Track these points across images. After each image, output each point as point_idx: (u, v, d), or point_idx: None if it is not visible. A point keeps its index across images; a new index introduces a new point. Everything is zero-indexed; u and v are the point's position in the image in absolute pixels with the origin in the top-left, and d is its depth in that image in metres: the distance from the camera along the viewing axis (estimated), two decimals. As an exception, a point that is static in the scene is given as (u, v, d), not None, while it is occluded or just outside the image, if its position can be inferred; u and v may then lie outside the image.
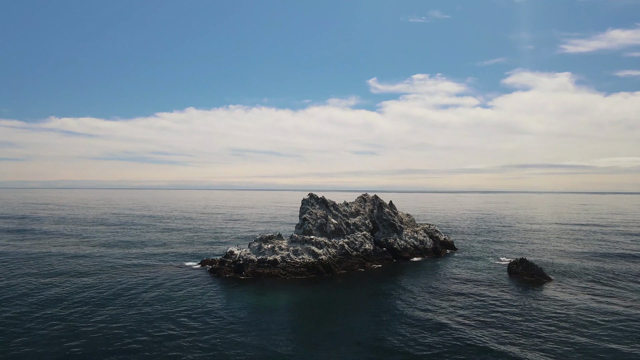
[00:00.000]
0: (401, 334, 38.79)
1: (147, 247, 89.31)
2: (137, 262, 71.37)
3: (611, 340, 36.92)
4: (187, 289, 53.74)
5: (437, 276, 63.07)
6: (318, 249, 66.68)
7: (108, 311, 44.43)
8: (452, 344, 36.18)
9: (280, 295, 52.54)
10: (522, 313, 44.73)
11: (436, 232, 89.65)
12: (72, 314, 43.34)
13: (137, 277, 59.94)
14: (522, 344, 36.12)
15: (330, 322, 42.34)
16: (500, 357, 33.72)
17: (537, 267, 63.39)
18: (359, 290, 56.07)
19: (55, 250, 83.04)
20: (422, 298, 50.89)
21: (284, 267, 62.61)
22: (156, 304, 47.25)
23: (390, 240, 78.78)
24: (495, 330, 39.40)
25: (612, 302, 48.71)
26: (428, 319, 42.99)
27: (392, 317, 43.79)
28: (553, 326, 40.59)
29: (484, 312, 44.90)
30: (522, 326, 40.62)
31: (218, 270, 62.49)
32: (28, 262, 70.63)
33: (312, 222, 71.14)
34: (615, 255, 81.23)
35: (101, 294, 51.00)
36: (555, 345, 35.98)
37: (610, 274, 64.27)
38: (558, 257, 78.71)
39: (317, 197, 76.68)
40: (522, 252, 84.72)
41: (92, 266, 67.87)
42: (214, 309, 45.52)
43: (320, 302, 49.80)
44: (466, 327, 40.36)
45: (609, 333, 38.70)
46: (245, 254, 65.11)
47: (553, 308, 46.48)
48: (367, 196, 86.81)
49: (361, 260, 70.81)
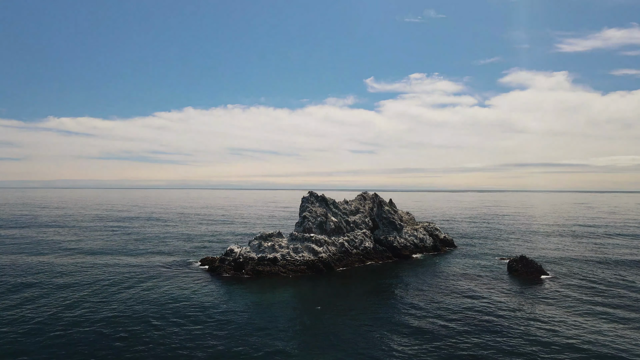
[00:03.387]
0: (401, 329, 38.85)
1: (146, 245, 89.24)
2: (136, 261, 71.31)
3: (612, 335, 37.09)
4: (187, 287, 53.72)
5: (437, 273, 63.18)
6: (318, 246, 66.72)
7: (107, 309, 44.38)
8: (451, 339, 36.24)
9: (280, 292, 52.58)
10: (522, 309, 44.84)
11: (436, 230, 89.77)
12: (68, 314, 43.28)
13: (136, 276, 59.90)
14: (520, 339, 36.22)
15: (330, 318, 42.36)
16: (499, 353, 33.80)
17: (537, 264, 63.57)
18: (359, 288, 56.13)
19: (52, 249, 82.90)
20: (422, 295, 50.97)
21: (284, 265, 62.64)
22: (156, 302, 47.21)
23: (390, 238, 78.86)
24: (494, 327, 39.49)
25: (612, 298, 48.92)
26: (428, 315, 43.05)
27: (393, 313, 43.85)
28: (552, 321, 40.72)
29: (484, 309, 44.99)
30: (521, 322, 40.73)
31: (218, 269, 62.47)
32: (23, 263, 70.47)
33: (312, 220, 71.17)
34: (615, 253, 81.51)
35: (99, 292, 50.93)
36: (554, 339, 36.09)
37: (610, 271, 64.48)
38: (558, 255, 78.91)
39: (317, 195, 76.72)
40: (521, 250, 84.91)
41: (89, 265, 67.78)
42: (214, 307, 45.52)
43: (321, 299, 49.84)
44: (465, 322, 40.43)
45: (609, 328, 38.89)
46: (245, 252, 65.11)
47: (552, 304, 46.62)
48: (366, 194, 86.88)
49: (361, 258, 70.92)
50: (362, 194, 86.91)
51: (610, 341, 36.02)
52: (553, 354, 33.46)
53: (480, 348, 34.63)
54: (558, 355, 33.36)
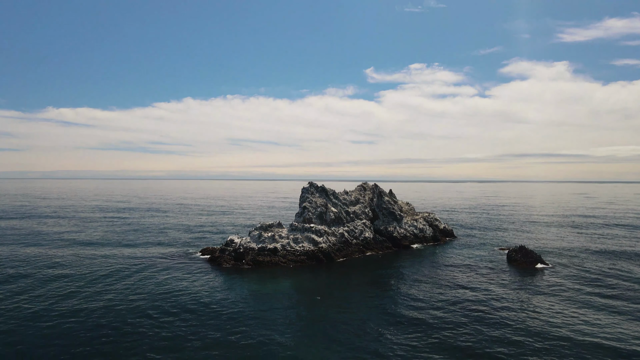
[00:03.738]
0: (400, 320, 38.97)
1: (146, 236, 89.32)
2: (135, 251, 71.39)
3: (609, 325, 37.21)
4: (187, 277, 53.83)
5: (436, 263, 63.31)
6: (318, 237, 66.77)
7: (104, 299, 44.47)
8: (450, 330, 36.36)
9: (280, 282, 52.70)
10: (521, 299, 44.95)
11: (436, 221, 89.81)
12: (64, 304, 43.37)
13: (136, 266, 59.99)
14: (519, 329, 36.34)
15: (329, 309, 42.48)
16: (498, 343, 33.92)
17: (536, 254, 63.66)
18: (358, 278, 56.26)
19: (50, 240, 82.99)
20: (421, 285, 51.09)
21: (284, 255, 62.74)
22: (156, 291, 47.31)
23: (390, 229, 78.91)
24: (493, 318, 39.60)
25: (610, 289, 49.05)
26: (427, 305, 43.17)
27: (392, 303, 43.96)
28: (551, 311, 40.85)
29: (483, 299, 45.10)
30: (519, 312, 40.85)
31: (218, 259, 62.56)
32: (22, 254, 70.57)
33: (312, 211, 71.13)
34: (614, 244, 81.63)
35: (96, 282, 51.01)
36: (552, 330, 36.21)
37: (610, 262, 64.59)
38: (557, 245, 79.03)
39: (317, 185, 76.60)
40: (520, 240, 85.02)
41: (87, 255, 67.85)
42: (214, 297, 45.63)
43: (320, 290, 49.97)
44: (464, 313, 40.55)
45: (609, 317, 39.01)
46: (245, 243, 65.17)
47: (551, 294, 46.73)
48: (366, 185, 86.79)
49: (361, 248, 71.03)
50: (362, 185, 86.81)
51: (608, 332, 36.14)
52: (551, 344, 33.56)
53: (479, 339, 34.73)
54: (556, 345, 33.46)
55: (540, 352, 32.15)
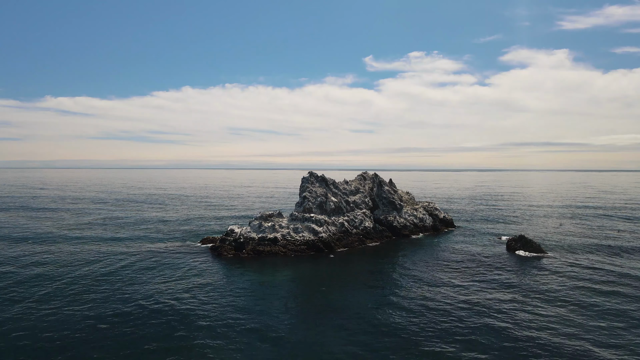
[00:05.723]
0: (398, 311, 39.14)
1: (146, 225, 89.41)
2: (136, 241, 71.50)
3: (608, 317, 37.41)
4: (187, 267, 53.98)
5: (436, 253, 63.48)
6: (318, 226, 66.83)
7: (99, 290, 44.61)
8: (449, 320, 36.56)
9: (281, 272, 52.87)
10: (520, 288, 45.13)
11: (436, 210, 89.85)
12: (68, 292, 43.52)
13: (136, 255, 60.12)
14: (517, 320, 36.53)
15: (330, 297, 42.67)
16: (495, 334, 34.10)
17: (536, 243, 63.84)
18: (358, 267, 56.43)
19: (50, 229, 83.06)
20: (421, 275, 51.26)
21: (285, 245, 62.86)
22: (156, 281, 47.48)
23: (390, 218, 78.97)
24: (492, 308, 39.78)
25: (608, 277, 49.24)
26: (426, 293, 43.34)
27: (390, 294, 44.15)
28: (551, 299, 41.04)
29: (483, 289, 45.28)
30: (518, 302, 41.04)
31: (219, 249, 62.68)
32: (22, 244, 70.68)
33: (312, 200, 71.09)
34: (614, 234, 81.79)
35: (98, 272, 51.17)
36: (551, 322, 36.40)
37: (609, 250, 64.77)
38: (556, 235, 79.20)
39: (317, 175, 76.45)
40: (520, 229, 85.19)
41: (88, 244, 67.98)
42: (215, 286, 45.79)
43: (320, 278, 50.16)
44: (463, 303, 40.74)
45: (608, 305, 39.21)
46: (245, 232, 65.24)
47: (551, 283, 46.91)
48: (366, 174, 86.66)
49: (361, 238, 71.14)
50: (362, 174, 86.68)
51: (607, 325, 36.35)
52: (549, 336, 33.76)
53: (477, 329, 34.91)
54: (554, 337, 33.66)
55: (542, 345, 32.34)
